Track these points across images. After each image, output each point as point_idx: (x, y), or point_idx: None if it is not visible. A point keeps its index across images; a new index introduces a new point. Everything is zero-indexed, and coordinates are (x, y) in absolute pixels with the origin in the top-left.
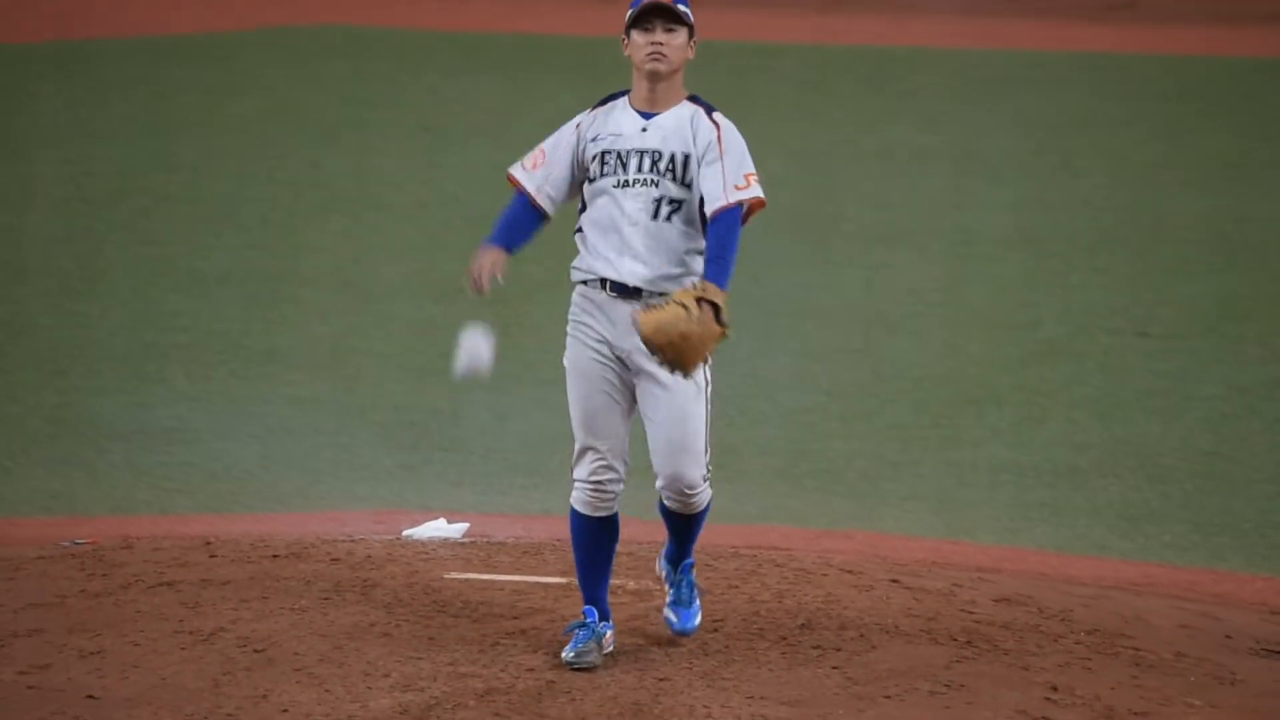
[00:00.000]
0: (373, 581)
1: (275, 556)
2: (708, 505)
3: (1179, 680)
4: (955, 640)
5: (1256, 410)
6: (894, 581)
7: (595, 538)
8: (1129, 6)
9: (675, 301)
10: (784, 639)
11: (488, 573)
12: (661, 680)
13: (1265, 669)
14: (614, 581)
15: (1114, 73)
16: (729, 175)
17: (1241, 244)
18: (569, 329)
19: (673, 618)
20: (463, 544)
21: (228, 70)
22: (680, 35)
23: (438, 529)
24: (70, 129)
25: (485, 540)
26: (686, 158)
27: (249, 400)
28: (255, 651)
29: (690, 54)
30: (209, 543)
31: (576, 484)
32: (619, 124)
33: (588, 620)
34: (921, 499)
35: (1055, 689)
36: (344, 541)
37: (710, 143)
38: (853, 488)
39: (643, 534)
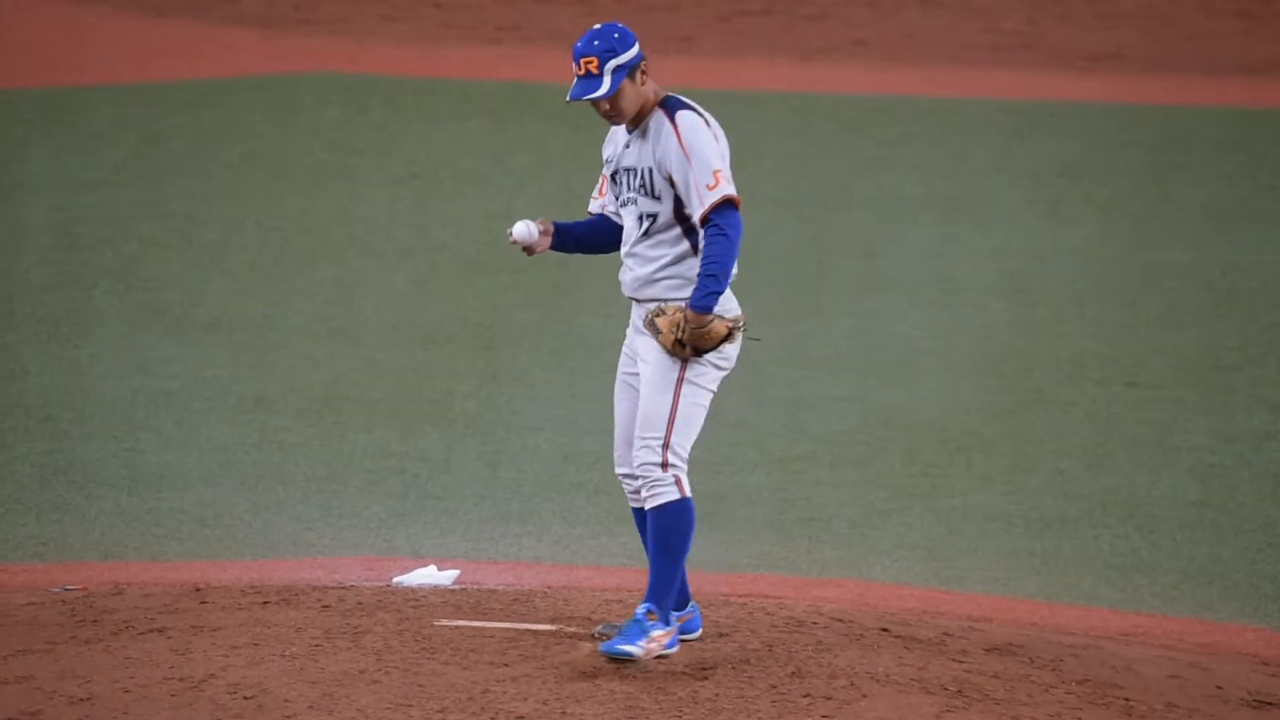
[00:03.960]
0: (363, 628)
1: (266, 603)
2: (673, 517)
3: None
4: (946, 690)
5: (1245, 460)
6: (884, 630)
7: (640, 525)
8: (1115, 57)
9: (667, 327)
10: (774, 687)
11: (478, 620)
12: None
13: None
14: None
15: (1101, 122)
16: (698, 179)
17: (1229, 294)
18: None
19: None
20: (453, 591)
21: (216, 117)
22: (623, 92)
23: (428, 576)
24: (60, 176)
25: (476, 587)
26: (652, 171)
27: (239, 447)
28: (245, 699)
29: (641, 84)
30: (199, 589)
31: None
32: (617, 143)
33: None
34: (911, 548)
35: None
36: (334, 588)
37: (673, 147)
38: (842, 536)
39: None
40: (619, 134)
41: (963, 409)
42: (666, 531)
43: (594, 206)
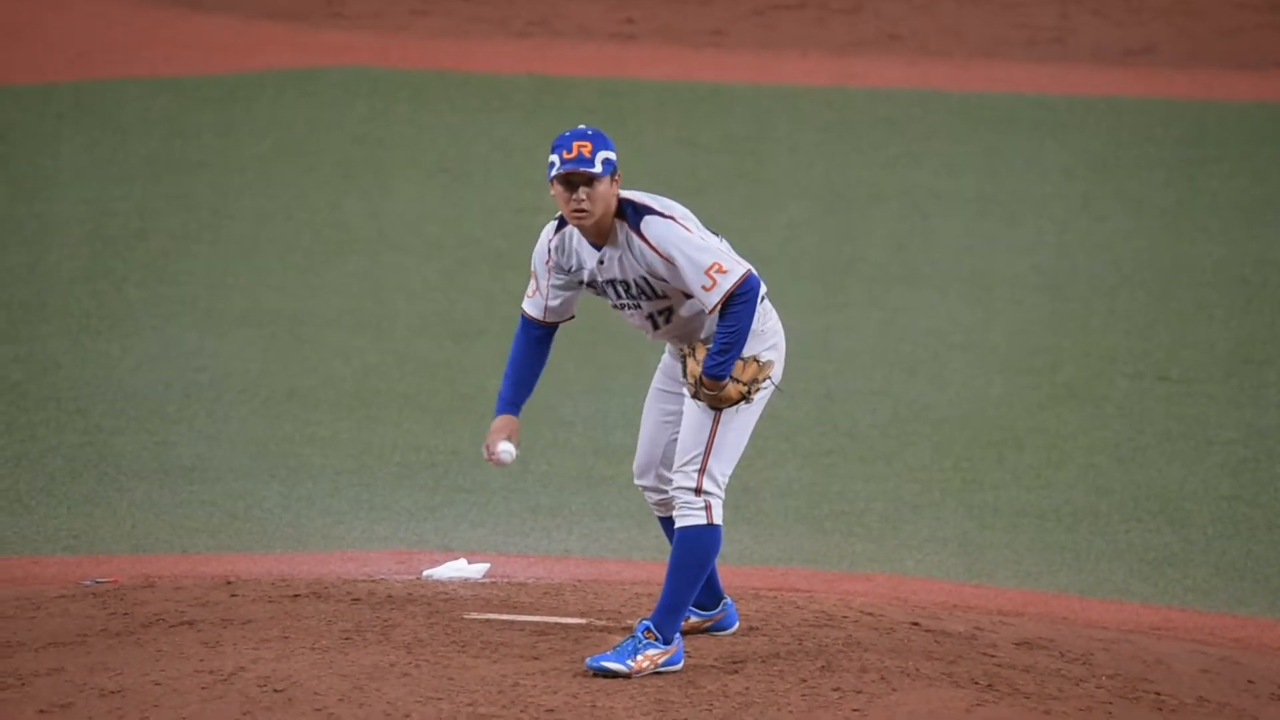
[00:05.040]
0: (393, 622)
1: (296, 596)
2: (695, 541)
3: None
4: (976, 684)
5: (1277, 455)
6: (915, 624)
7: (667, 532)
8: (1148, 52)
9: (692, 374)
10: (804, 681)
11: (508, 613)
12: None
13: None
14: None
15: (1132, 117)
16: (693, 284)
17: (1261, 288)
18: None
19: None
20: (483, 584)
21: (246, 111)
22: (601, 183)
23: (458, 569)
24: (90, 169)
25: (506, 580)
26: (645, 279)
27: (270, 440)
28: (276, 691)
29: (615, 188)
30: (230, 582)
31: None
32: (581, 255)
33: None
34: (942, 542)
35: None
36: (365, 581)
37: (656, 263)
38: (873, 530)
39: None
40: (577, 245)
41: (993, 403)
42: (686, 554)
43: (532, 308)
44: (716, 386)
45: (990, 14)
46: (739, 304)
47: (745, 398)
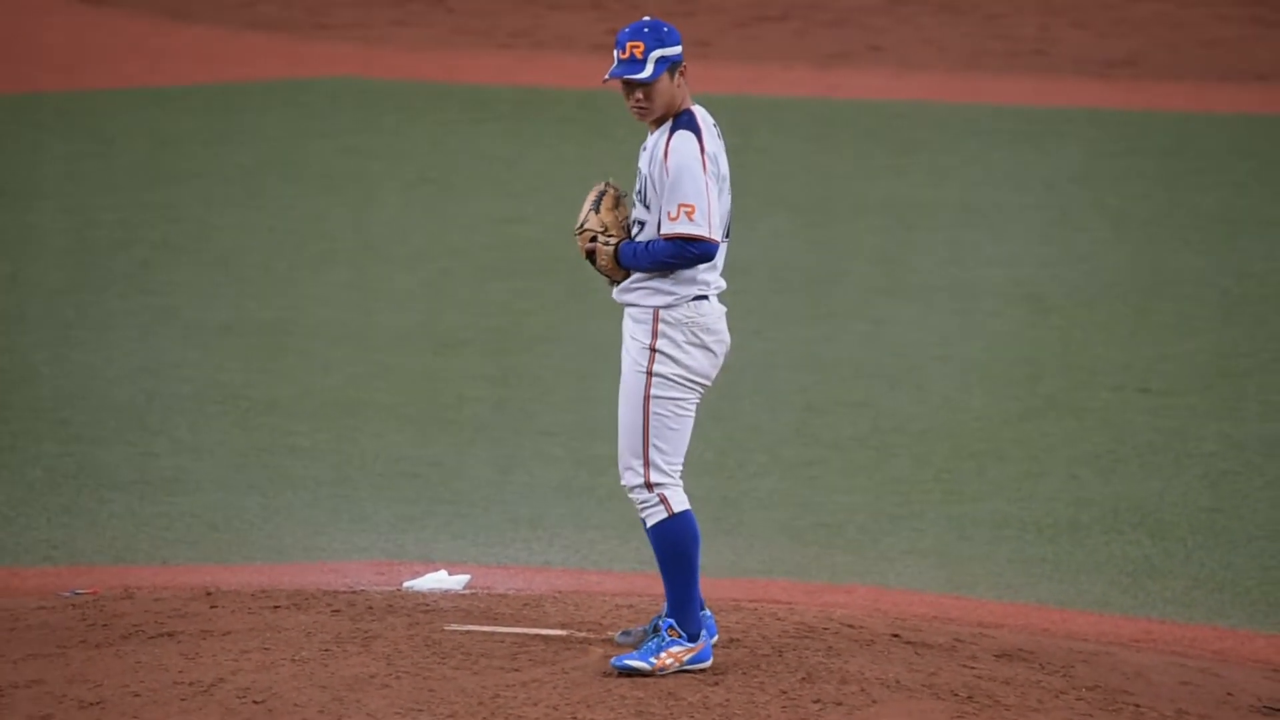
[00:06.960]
0: (373, 633)
1: (276, 607)
2: (668, 535)
3: None
4: (957, 695)
5: (1256, 467)
6: (895, 636)
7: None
8: (1129, 64)
9: (593, 227)
10: (785, 693)
11: (488, 625)
12: None
13: None
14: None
15: (1114, 128)
16: (666, 205)
17: (1241, 300)
18: None
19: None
20: (464, 595)
21: (230, 121)
22: (660, 81)
23: (439, 580)
24: (73, 179)
25: (486, 592)
26: (648, 180)
27: (251, 451)
28: (255, 703)
29: (678, 84)
30: (210, 593)
31: None
32: (648, 135)
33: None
34: (923, 553)
35: None
36: (345, 593)
37: (659, 165)
38: (854, 542)
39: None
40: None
41: (974, 415)
42: (666, 550)
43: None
44: (605, 256)
45: (972, 26)
46: (680, 249)
47: (591, 253)
